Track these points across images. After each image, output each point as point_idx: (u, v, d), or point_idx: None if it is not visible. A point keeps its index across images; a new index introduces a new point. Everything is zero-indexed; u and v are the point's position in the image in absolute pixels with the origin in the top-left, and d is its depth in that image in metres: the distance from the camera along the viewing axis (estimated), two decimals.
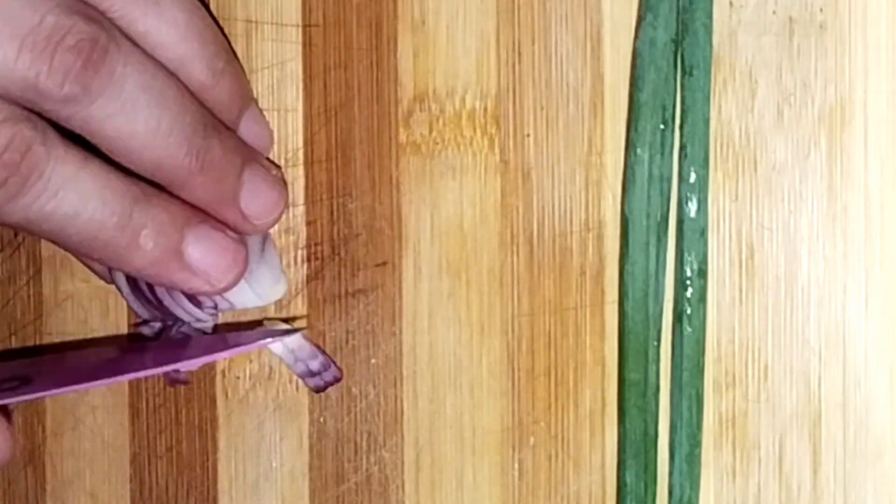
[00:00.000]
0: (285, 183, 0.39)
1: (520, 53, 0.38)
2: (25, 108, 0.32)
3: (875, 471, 0.35)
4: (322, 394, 0.40)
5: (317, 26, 0.40)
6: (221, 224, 0.37)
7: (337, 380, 0.39)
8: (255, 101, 0.39)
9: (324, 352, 0.39)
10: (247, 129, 0.38)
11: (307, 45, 0.40)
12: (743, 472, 0.36)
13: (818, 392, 0.36)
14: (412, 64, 0.39)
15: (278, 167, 0.40)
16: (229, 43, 0.39)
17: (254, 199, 0.37)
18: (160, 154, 0.34)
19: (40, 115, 0.32)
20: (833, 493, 0.35)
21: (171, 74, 0.34)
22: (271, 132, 0.40)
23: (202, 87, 0.36)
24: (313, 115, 0.40)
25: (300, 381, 0.40)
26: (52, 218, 0.33)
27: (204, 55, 0.36)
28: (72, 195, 0.32)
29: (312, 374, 0.39)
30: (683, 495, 0.36)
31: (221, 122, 0.37)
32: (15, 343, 0.43)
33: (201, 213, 0.36)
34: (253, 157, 0.38)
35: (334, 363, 0.39)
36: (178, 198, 0.35)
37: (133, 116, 0.33)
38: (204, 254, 0.36)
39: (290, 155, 0.40)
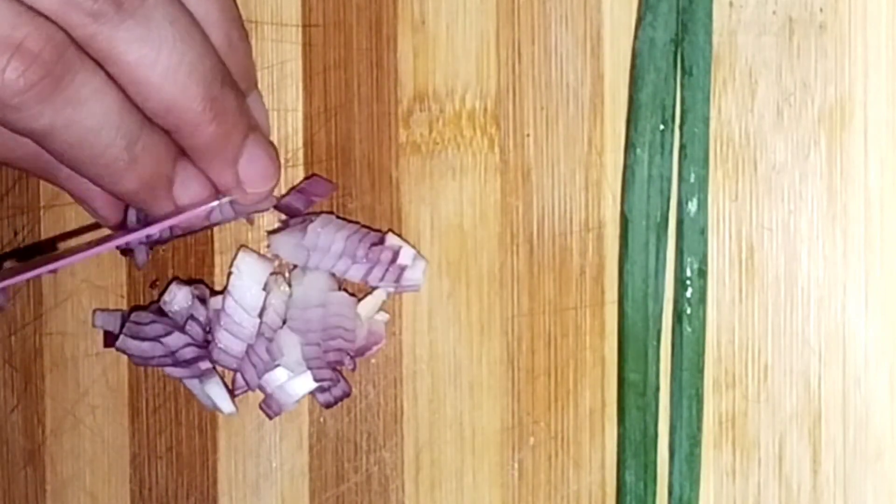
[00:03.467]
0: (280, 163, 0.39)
1: (520, 53, 0.38)
2: None
3: (875, 471, 0.35)
4: None
5: (317, 26, 0.40)
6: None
7: (346, 395, 0.39)
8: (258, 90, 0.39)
9: (334, 368, 0.39)
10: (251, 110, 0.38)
11: (307, 45, 0.40)
12: (743, 472, 0.36)
13: (818, 392, 0.35)
14: (412, 64, 0.39)
15: (275, 147, 0.40)
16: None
17: (252, 164, 0.37)
18: (176, 93, 0.34)
19: None
20: (833, 493, 0.35)
21: (197, 22, 0.35)
22: (269, 121, 0.40)
23: (218, 52, 0.36)
24: (313, 115, 0.40)
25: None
26: (73, 128, 0.33)
27: (223, 22, 0.36)
28: (97, 107, 0.33)
29: (322, 389, 0.39)
30: (683, 495, 0.36)
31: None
32: (14, 343, 0.44)
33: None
34: (257, 126, 0.38)
35: (343, 378, 0.39)
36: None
37: (158, 45, 0.33)
38: (187, 188, 0.37)
39: (290, 155, 0.40)
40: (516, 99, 0.38)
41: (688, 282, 0.36)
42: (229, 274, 0.39)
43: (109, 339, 0.41)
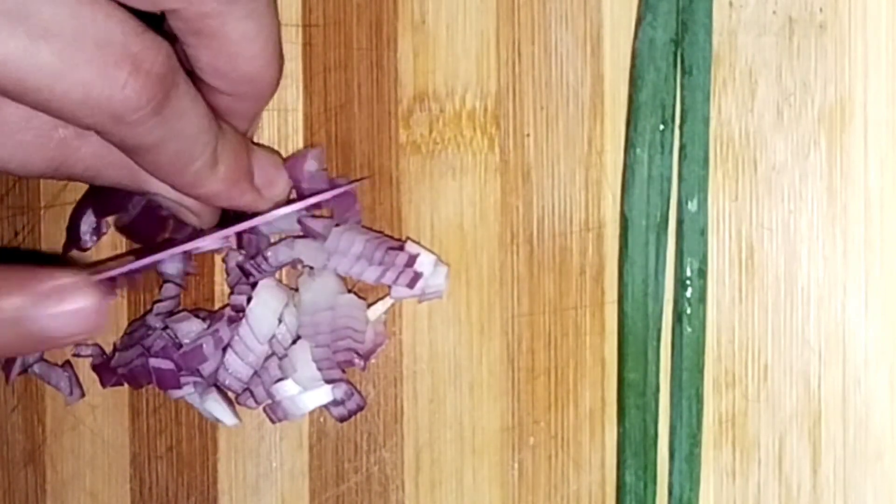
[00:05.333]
0: None
1: (520, 53, 0.38)
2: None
3: (875, 471, 0.35)
4: None
5: (317, 26, 0.40)
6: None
7: (360, 408, 0.39)
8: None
9: (347, 381, 0.39)
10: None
11: (307, 45, 0.40)
12: (743, 472, 0.36)
13: (818, 392, 0.35)
14: (412, 64, 0.39)
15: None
16: None
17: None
18: (264, 63, 0.36)
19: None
20: (833, 493, 0.35)
21: None
22: None
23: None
24: (313, 115, 0.40)
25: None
26: (178, 139, 0.33)
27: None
28: (195, 115, 0.34)
29: (336, 402, 0.39)
30: (683, 495, 0.36)
31: None
32: None
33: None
34: None
35: (357, 391, 0.39)
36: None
37: (259, 21, 0.35)
38: (264, 174, 0.38)
39: (289, 155, 0.40)
40: (516, 99, 0.38)
41: (688, 282, 0.36)
42: (230, 293, 0.40)
43: (105, 379, 0.42)
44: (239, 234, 0.39)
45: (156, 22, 0.33)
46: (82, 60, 0.30)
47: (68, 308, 0.31)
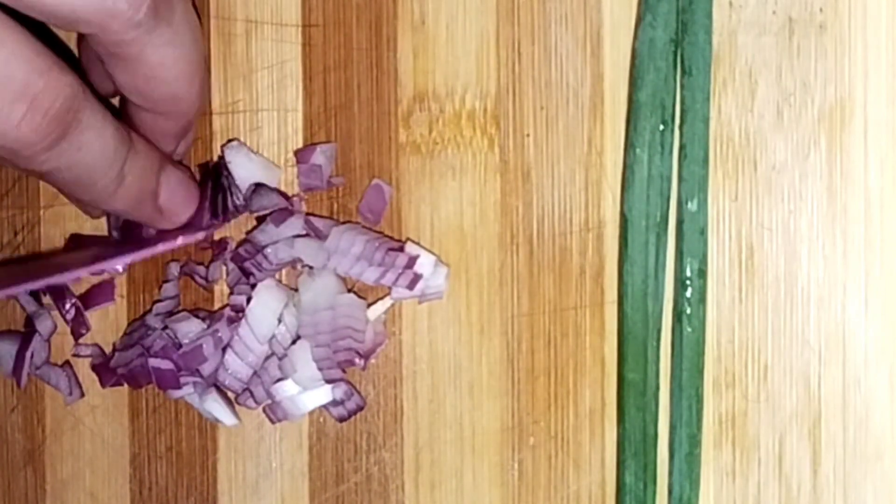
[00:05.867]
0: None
1: (520, 53, 0.38)
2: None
3: (875, 471, 0.35)
4: None
5: (317, 26, 0.40)
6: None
7: (360, 408, 0.39)
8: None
9: (347, 381, 0.39)
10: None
11: (307, 45, 0.40)
12: (743, 472, 0.36)
13: (818, 392, 0.35)
14: (412, 64, 0.39)
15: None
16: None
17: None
18: (185, 84, 0.36)
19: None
20: (833, 493, 0.35)
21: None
22: None
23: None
24: (313, 115, 0.40)
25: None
26: (74, 168, 0.34)
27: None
28: (97, 145, 0.34)
29: (336, 402, 0.39)
30: (683, 495, 0.36)
31: None
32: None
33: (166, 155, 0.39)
34: None
35: (357, 391, 0.39)
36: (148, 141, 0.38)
37: (180, 47, 0.35)
38: (170, 195, 0.38)
39: (289, 155, 0.40)
40: (516, 99, 0.38)
41: (688, 282, 0.36)
42: (230, 293, 0.40)
43: (105, 379, 0.42)
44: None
45: None
46: None
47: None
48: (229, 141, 0.41)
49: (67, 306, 0.41)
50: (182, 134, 0.39)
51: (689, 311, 0.36)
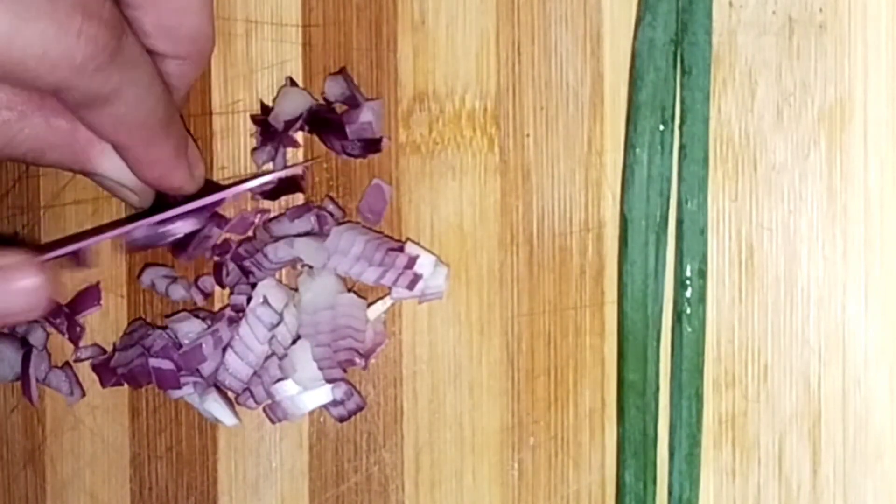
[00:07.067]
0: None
1: (520, 53, 0.38)
2: None
3: (875, 471, 0.35)
4: None
5: (317, 26, 0.40)
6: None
7: (360, 408, 0.39)
8: None
9: (347, 381, 0.39)
10: None
11: (307, 45, 0.40)
12: (743, 472, 0.36)
13: (818, 392, 0.35)
14: (412, 64, 0.39)
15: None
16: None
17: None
18: (204, 20, 0.37)
19: None
20: (833, 493, 0.35)
21: None
22: None
23: None
24: None
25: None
26: (136, 87, 0.34)
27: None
28: (148, 66, 0.34)
29: (336, 402, 0.39)
30: (683, 495, 0.36)
31: None
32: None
33: None
34: None
35: (357, 391, 0.39)
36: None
37: None
38: (191, 150, 0.38)
39: (290, 154, 0.40)
40: (516, 99, 0.38)
41: (688, 282, 0.36)
42: (230, 293, 0.40)
43: (105, 379, 0.42)
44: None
45: None
46: (35, 13, 0.30)
47: (11, 287, 0.32)
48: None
49: (58, 320, 0.42)
50: (189, 87, 0.39)
51: (688, 311, 0.36)
